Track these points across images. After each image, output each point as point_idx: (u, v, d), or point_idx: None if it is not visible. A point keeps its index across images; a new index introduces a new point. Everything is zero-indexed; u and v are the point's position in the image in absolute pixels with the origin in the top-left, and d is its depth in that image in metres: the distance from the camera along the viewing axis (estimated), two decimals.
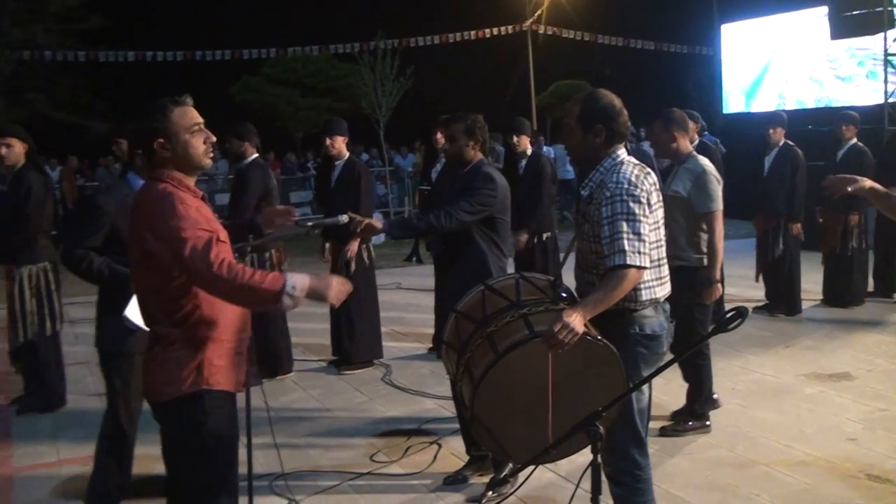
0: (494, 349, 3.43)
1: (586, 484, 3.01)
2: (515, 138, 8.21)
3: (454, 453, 5.52)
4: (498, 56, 32.89)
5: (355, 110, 22.33)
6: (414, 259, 14.38)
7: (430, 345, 8.26)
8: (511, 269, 5.16)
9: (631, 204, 3.52)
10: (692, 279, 5.57)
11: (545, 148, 19.12)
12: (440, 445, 5.69)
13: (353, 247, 7.45)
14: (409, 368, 7.69)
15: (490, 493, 4.81)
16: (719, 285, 5.68)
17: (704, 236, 5.61)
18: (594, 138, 3.68)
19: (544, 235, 8.17)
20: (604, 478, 3.41)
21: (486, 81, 36.69)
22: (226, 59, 27.71)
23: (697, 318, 5.63)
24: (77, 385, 7.35)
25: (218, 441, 3.24)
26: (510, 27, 29.82)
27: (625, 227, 3.49)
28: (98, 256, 4.48)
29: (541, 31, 30.13)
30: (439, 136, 7.87)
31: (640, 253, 3.48)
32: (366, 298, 7.69)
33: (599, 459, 2.95)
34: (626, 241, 3.48)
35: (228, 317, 3.26)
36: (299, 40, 29.27)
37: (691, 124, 6.30)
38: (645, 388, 3.72)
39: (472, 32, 29.16)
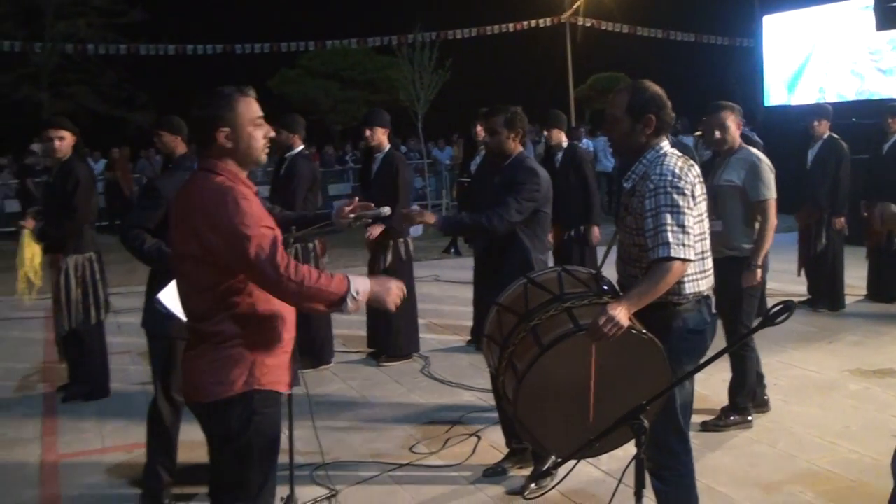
0: (539, 343, 3.42)
1: (629, 479, 2.99)
2: (547, 132, 8.19)
3: (493, 446, 5.52)
4: (536, 48, 32.76)
5: (393, 103, 22.36)
6: (452, 251, 14.39)
7: (469, 337, 8.27)
8: (550, 263, 5.15)
9: (675, 196, 3.49)
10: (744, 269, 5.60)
11: (584, 141, 19.01)
12: (479, 438, 5.69)
13: (375, 231, 7.43)
14: (447, 360, 7.69)
15: (532, 485, 4.80)
16: (759, 271, 5.65)
17: (758, 226, 5.63)
18: (644, 128, 3.64)
19: (581, 228, 8.15)
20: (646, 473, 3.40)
21: (524, 74, 36.58)
22: (265, 52, 27.94)
23: (746, 309, 5.61)
24: (120, 374, 7.44)
25: (264, 440, 3.21)
26: (549, 19, 29.73)
27: (669, 219, 3.46)
28: (151, 238, 4.60)
29: (579, 24, 29.98)
30: (479, 128, 7.87)
31: (684, 245, 3.45)
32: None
33: (643, 454, 2.93)
34: (670, 234, 3.44)
35: (280, 315, 3.21)
36: (338, 33, 29.41)
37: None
38: (687, 382, 3.69)
39: (511, 25, 29.12)
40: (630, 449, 3.17)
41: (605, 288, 3.71)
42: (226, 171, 3.14)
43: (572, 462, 3.49)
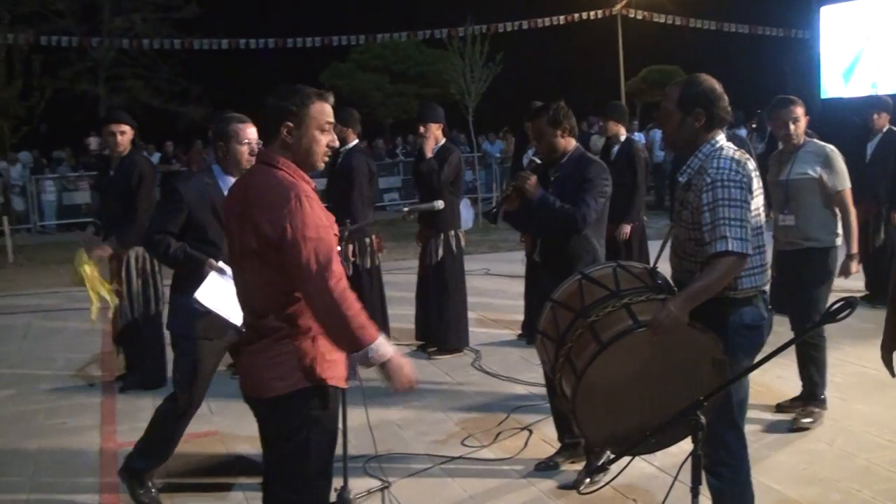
0: (597, 339, 3.40)
1: (684, 476, 2.98)
2: (604, 123, 8.15)
3: (545, 440, 5.51)
4: (587, 41, 32.55)
5: (444, 96, 22.36)
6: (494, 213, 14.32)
7: (520, 331, 8.26)
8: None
9: (733, 189, 3.46)
10: (824, 259, 5.65)
11: (635, 134, 18.88)
12: (531, 431, 5.69)
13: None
14: (498, 354, 7.69)
15: (586, 480, 4.79)
16: (855, 262, 5.83)
17: (835, 217, 5.68)
18: (693, 122, 3.61)
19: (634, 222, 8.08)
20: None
21: (574, 67, 36.37)
22: (316, 46, 28.11)
23: (822, 301, 5.59)
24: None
25: (323, 435, 3.24)
26: (600, 11, 29.49)
27: (727, 212, 3.42)
28: (175, 241, 4.60)
29: (631, 16, 29.72)
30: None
31: (742, 239, 3.41)
32: (454, 285, 7.72)
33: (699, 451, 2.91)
34: (727, 228, 3.41)
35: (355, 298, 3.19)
36: (388, 26, 29.49)
37: None
38: (745, 379, 3.65)
39: (562, 17, 28.96)
40: (685, 446, 3.16)
41: (660, 283, 3.69)
42: (286, 167, 3.15)
43: (626, 458, 3.48)
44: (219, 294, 4.46)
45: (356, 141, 7.57)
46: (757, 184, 3.60)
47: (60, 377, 7.51)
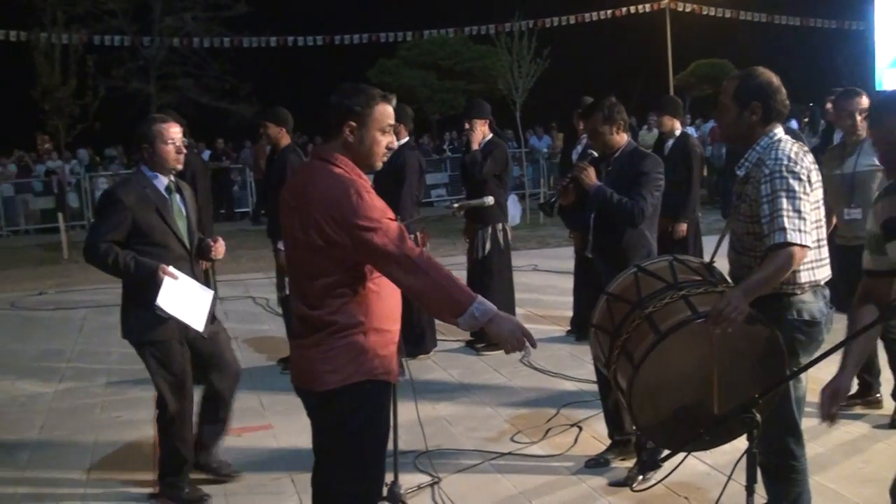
0: (655, 329, 3.37)
1: (738, 475, 2.94)
2: (658, 117, 8.08)
3: (595, 436, 5.49)
4: (635, 35, 32.28)
5: (491, 92, 22.33)
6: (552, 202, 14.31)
7: (569, 327, 8.23)
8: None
9: (791, 181, 3.42)
10: None
11: (689, 128, 18.69)
12: (581, 428, 5.66)
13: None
14: (547, 350, 7.66)
15: (639, 477, 4.75)
16: None
17: None
18: (750, 116, 3.58)
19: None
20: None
21: (623, 61, 36.09)
22: (363, 43, 28.23)
23: None
24: None
25: (375, 429, 3.26)
26: (648, 5, 29.23)
27: (785, 204, 3.38)
28: (122, 250, 4.54)
29: (679, 9, 29.41)
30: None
31: (801, 231, 3.37)
32: (501, 280, 7.72)
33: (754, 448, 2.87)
34: (786, 219, 3.37)
35: (391, 307, 3.26)
36: (435, 23, 29.50)
37: None
38: (803, 376, 3.60)
39: (610, 11, 28.75)
40: (738, 444, 3.12)
41: (718, 278, 3.65)
42: (344, 164, 3.18)
43: (680, 455, 3.45)
44: (177, 298, 4.56)
45: (407, 138, 7.59)
46: (816, 176, 3.56)
47: (116, 371, 7.64)
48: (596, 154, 4.97)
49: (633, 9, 29.10)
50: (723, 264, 3.83)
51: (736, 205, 3.70)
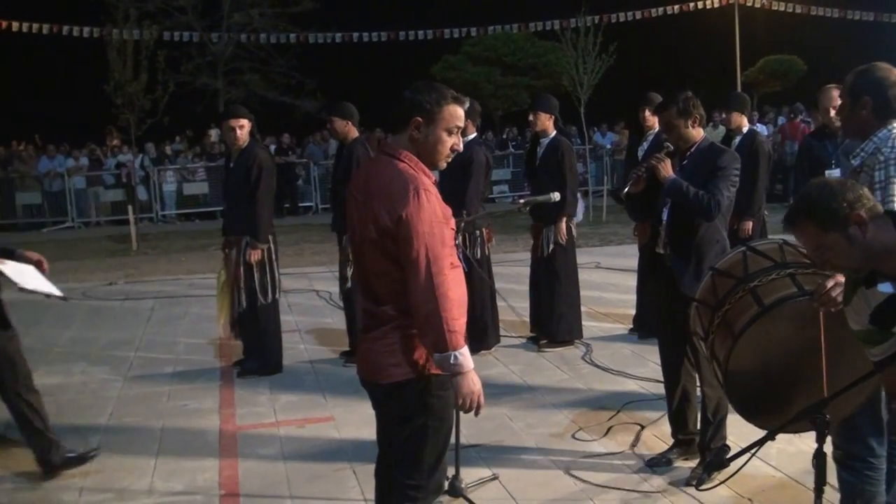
0: (760, 302, 3.36)
1: (805, 477, 2.89)
2: (726, 114, 7.99)
3: (657, 436, 5.45)
4: (703, 30, 31.81)
5: (556, 88, 22.21)
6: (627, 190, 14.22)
7: (631, 325, 8.16)
8: None
9: None
10: None
11: (758, 125, 18.43)
12: (642, 427, 5.62)
13: (562, 227, 7.46)
14: (609, 348, 7.62)
15: (704, 475, 4.68)
16: None
17: None
18: (860, 110, 3.57)
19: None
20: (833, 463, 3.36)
21: (690, 57, 35.59)
22: (428, 39, 28.34)
23: None
24: (291, 351, 7.76)
25: (439, 422, 3.30)
26: (716, 0, 28.81)
27: None
28: None
29: (749, 4, 28.92)
30: (645, 113, 7.73)
31: None
32: (566, 277, 7.68)
33: (828, 448, 2.82)
34: None
35: (456, 301, 3.22)
36: (500, 18, 29.46)
37: None
38: None
39: (677, 6, 28.43)
40: (806, 446, 3.06)
41: None
42: (408, 160, 3.21)
43: (745, 457, 3.40)
44: (26, 275, 4.80)
45: (475, 133, 7.60)
46: None
47: (182, 361, 7.79)
48: (671, 147, 4.90)
49: (700, 4, 28.70)
50: None
51: None
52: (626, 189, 4.97)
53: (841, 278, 3.21)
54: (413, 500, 3.32)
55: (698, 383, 4.91)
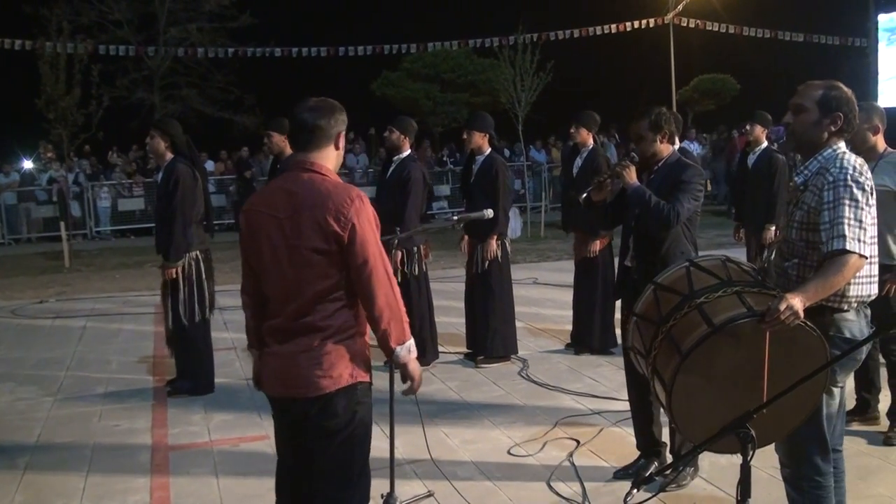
0: (708, 321, 3.35)
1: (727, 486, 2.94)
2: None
3: (592, 451, 5.50)
4: (639, 50, 32.35)
5: (494, 104, 22.37)
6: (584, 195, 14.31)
7: (568, 340, 8.23)
8: None
9: (855, 190, 3.42)
10: None
11: (686, 143, 18.70)
12: (578, 442, 5.67)
13: (492, 245, 7.48)
14: (546, 363, 7.68)
15: (634, 491, 4.71)
16: None
17: None
18: (829, 125, 3.58)
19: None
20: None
21: (626, 75, 36.16)
22: (367, 55, 28.32)
23: None
24: (227, 369, 7.68)
25: (364, 429, 3.37)
26: (652, 20, 29.33)
27: (847, 212, 3.38)
28: None
29: (683, 24, 29.49)
30: (572, 130, 7.88)
31: (861, 241, 3.36)
32: (501, 293, 7.71)
33: (750, 462, 2.88)
34: (847, 227, 3.36)
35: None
36: (439, 35, 29.60)
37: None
38: (837, 393, 3.60)
39: (613, 26, 28.85)
40: (736, 459, 3.12)
41: (770, 284, 3.65)
42: (329, 172, 3.36)
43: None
44: None
45: (409, 151, 7.61)
46: (872, 193, 3.53)
47: (114, 380, 7.64)
48: (636, 157, 4.93)
49: (636, 23, 29.18)
50: None
51: (790, 212, 3.69)
52: (584, 195, 4.97)
53: (793, 300, 3.24)
54: None
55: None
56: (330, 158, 3.37)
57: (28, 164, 22.64)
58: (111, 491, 5.17)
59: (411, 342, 3.36)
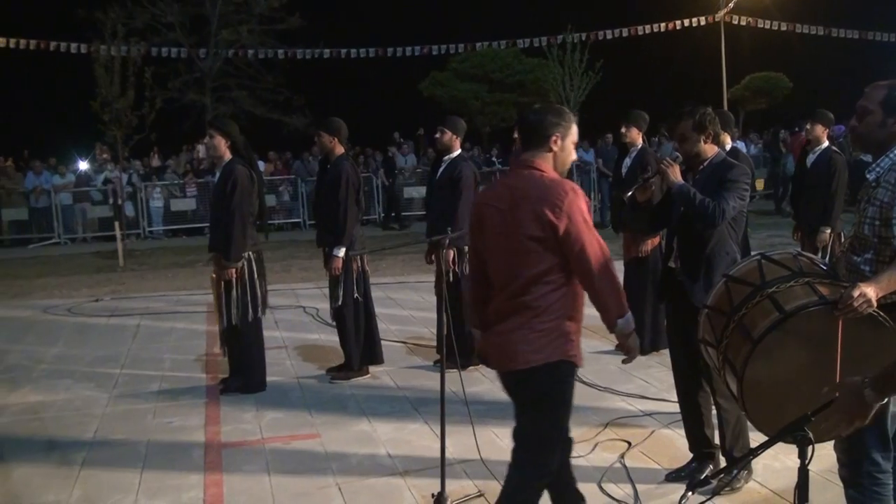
0: (780, 308, 3.37)
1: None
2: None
3: (643, 452, 5.46)
4: (689, 48, 32.06)
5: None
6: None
7: (617, 342, 8.15)
8: None
9: None
10: None
11: (738, 143, 18.46)
12: (629, 443, 5.63)
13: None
14: (596, 364, 7.62)
15: (689, 493, 4.67)
16: None
17: None
18: (893, 124, 3.58)
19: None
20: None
21: (676, 74, 35.83)
22: (416, 55, 28.43)
23: None
24: (278, 367, 7.74)
25: (565, 405, 3.77)
26: (702, 18, 29.03)
27: None
28: None
29: (735, 22, 29.16)
30: (622, 129, 7.83)
31: None
32: None
33: (809, 466, 2.82)
34: None
35: (582, 295, 3.74)
36: (487, 35, 29.64)
37: None
38: None
39: (663, 24, 28.63)
40: (793, 463, 3.07)
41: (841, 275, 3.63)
42: (548, 170, 3.74)
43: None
44: None
45: (459, 150, 7.61)
46: None
47: (168, 378, 7.75)
48: (680, 156, 4.88)
49: (686, 22, 28.92)
50: None
51: (863, 208, 3.66)
52: (629, 194, 4.93)
53: (866, 288, 3.25)
54: (540, 476, 3.80)
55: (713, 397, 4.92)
56: (546, 157, 3.74)
57: (83, 165, 23.04)
58: (165, 487, 5.24)
59: (629, 315, 3.66)
